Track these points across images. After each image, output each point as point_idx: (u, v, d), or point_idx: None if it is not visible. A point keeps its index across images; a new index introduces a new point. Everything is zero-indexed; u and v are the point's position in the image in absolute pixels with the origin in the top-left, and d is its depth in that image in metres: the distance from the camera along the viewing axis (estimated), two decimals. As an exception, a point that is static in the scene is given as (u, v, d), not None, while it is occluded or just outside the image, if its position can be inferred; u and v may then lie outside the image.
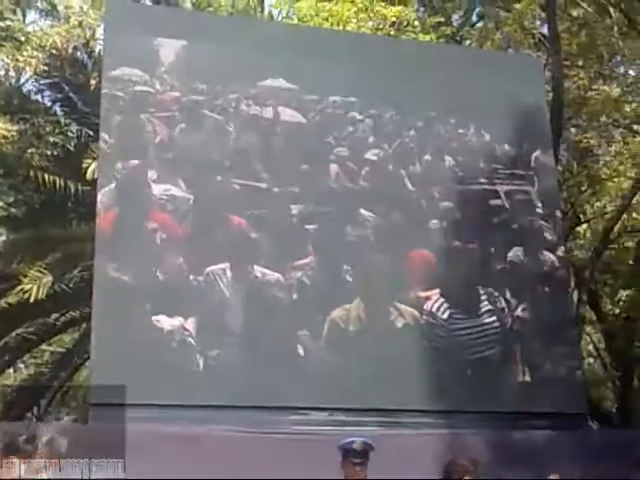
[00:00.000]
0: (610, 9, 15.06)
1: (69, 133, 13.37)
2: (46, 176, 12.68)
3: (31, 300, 11.41)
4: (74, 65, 13.96)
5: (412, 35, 14.28)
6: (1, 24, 13.97)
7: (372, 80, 9.60)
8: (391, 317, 8.56)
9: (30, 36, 13.80)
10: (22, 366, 18.30)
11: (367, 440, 5.19)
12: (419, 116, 9.77)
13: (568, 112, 14.66)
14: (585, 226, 17.44)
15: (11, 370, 17.20)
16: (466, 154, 9.84)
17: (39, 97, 14.72)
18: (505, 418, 8.55)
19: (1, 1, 14.34)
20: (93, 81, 13.20)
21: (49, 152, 13.06)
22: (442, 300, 8.77)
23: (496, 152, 9.99)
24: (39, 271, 11.79)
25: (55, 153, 13.12)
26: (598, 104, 14.28)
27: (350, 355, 8.30)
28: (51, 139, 13.19)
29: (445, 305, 8.76)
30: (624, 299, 13.47)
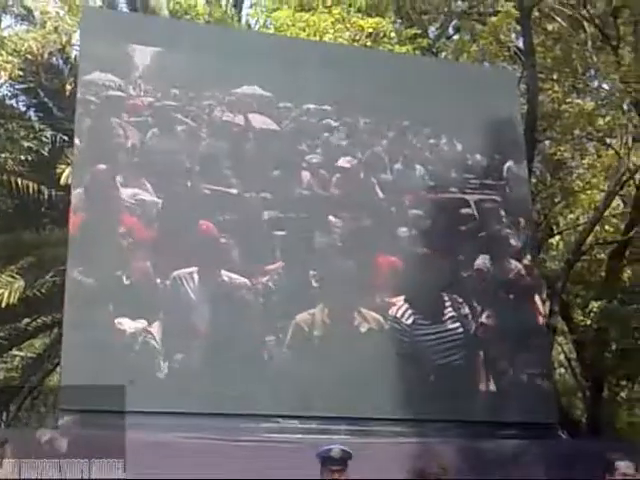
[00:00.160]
0: (585, 24, 15.24)
1: (43, 138, 13.21)
2: (20, 181, 12.58)
3: (2, 305, 11.31)
4: (50, 70, 13.89)
5: (389, 46, 14.30)
6: (-24, 29, 13.92)
7: (347, 89, 9.64)
8: (355, 322, 8.57)
9: (5, 41, 13.62)
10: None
11: (345, 448, 5.25)
12: (392, 125, 9.81)
13: (542, 125, 14.84)
14: (558, 237, 17.62)
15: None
16: (438, 163, 9.90)
17: (14, 102, 14.64)
18: (476, 427, 8.57)
19: (-25, 6, 14.30)
20: (69, 87, 13.07)
21: (23, 157, 12.93)
22: (407, 306, 8.79)
23: (468, 162, 10.04)
24: (11, 276, 11.74)
25: (29, 158, 12.99)
26: (572, 117, 14.42)
27: (315, 360, 8.30)
28: (25, 144, 13.04)
29: (410, 311, 8.78)
30: (595, 310, 13.53)
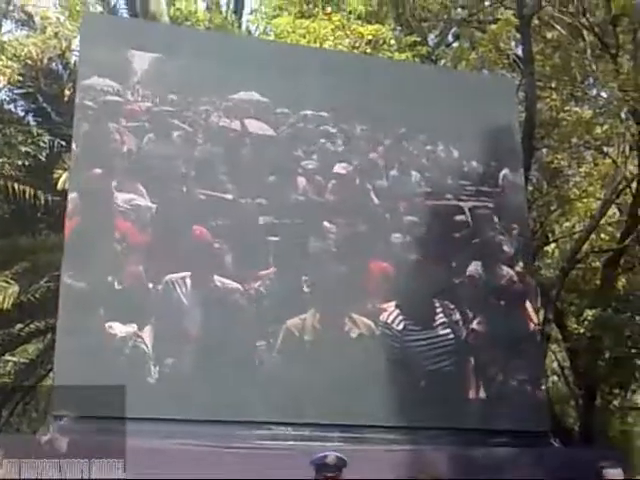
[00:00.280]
0: (584, 32, 15.26)
1: (41, 143, 13.26)
2: (17, 186, 12.59)
3: (-4, 310, 11.34)
4: (49, 76, 13.93)
5: (388, 54, 14.35)
6: (-25, 34, 13.96)
7: (345, 96, 9.66)
8: (346, 327, 8.57)
9: (5, 46, 13.73)
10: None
11: (340, 455, 5.29)
12: (389, 132, 9.82)
13: (540, 132, 14.84)
14: (553, 245, 17.62)
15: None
16: (434, 170, 9.90)
17: (12, 107, 14.66)
18: (468, 434, 8.55)
19: (-25, 11, 14.34)
20: (67, 92, 13.10)
21: (20, 162, 12.96)
22: (398, 312, 8.79)
23: (464, 169, 10.04)
24: (5, 281, 11.75)
25: (26, 163, 13.02)
26: (570, 125, 14.45)
27: (305, 365, 8.28)
28: (23, 149, 13.09)
29: (401, 317, 8.78)
30: (589, 318, 13.53)
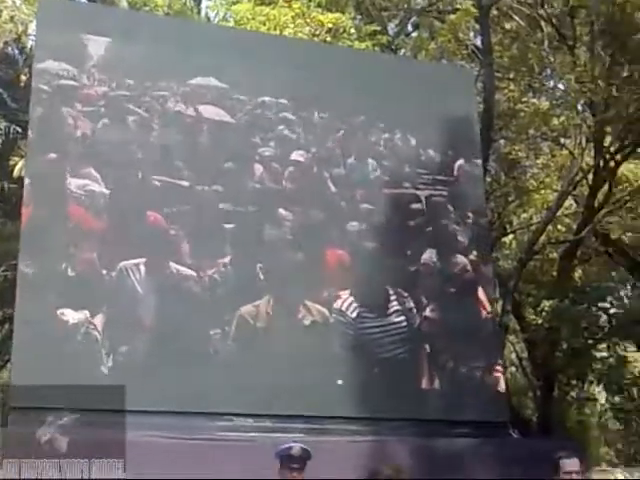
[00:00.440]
0: (542, 23, 15.40)
1: (-4, 130, 13.14)
2: (-29, 173, 12.47)
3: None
4: (4, 60, 13.80)
5: (348, 42, 14.36)
6: None
7: (304, 83, 9.61)
8: (299, 315, 8.55)
9: (-41, 30, 13.51)
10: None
11: (305, 446, 5.25)
12: (348, 120, 9.79)
13: (498, 124, 14.97)
14: (511, 236, 17.79)
15: None
16: (391, 158, 9.90)
17: (-34, 92, 14.44)
18: (430, 425, 8.59)
19: None
20: (24, 77, 12.97)
21: (-25, 149, 12.82)
22: (352, 299, 8.79)
23: (421, 157, 10.04)
24: (-40, 271, 11.56)
25: (-19, 150, 12.89)
26: (527, 116, 14.60)
27: (259, 352, 8.25)
28: (-23, 136, 12.96)
29: (355, 304, 8.78)
30: (546, 309, 13.70)
